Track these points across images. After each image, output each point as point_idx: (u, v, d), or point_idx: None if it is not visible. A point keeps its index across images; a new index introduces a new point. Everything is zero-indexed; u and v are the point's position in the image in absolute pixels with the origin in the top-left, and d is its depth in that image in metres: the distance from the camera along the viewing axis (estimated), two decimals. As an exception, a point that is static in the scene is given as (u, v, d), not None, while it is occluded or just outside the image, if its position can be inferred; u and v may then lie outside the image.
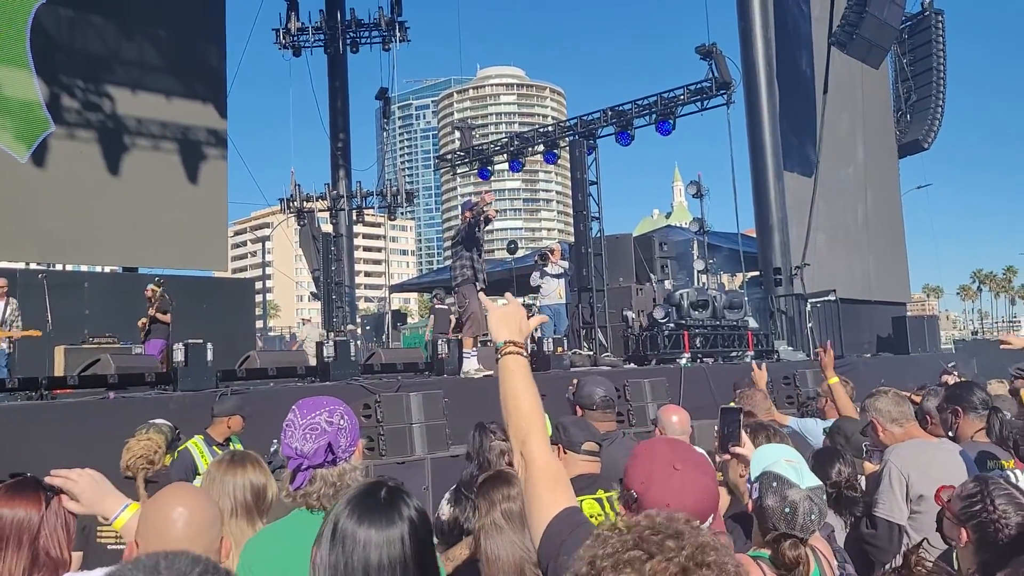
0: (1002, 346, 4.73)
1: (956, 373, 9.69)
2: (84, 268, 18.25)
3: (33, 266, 16.83)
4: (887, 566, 3.33)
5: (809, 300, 17.05)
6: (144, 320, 12.62)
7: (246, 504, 2.71)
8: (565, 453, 3.29)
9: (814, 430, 5.22)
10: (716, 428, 2.90)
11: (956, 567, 2.53)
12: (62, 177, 15.63)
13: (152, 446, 4.33)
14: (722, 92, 16.92)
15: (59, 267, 18.08)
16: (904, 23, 22.45)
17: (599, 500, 3.17)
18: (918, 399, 5.35)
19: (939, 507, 2.60)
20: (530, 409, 1.91)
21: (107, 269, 17.79)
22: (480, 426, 4.03)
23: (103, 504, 2.21)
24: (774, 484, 2.25)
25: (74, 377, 7.51)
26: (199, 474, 5.34)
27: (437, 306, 18.00)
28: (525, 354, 2.00)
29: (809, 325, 16.54)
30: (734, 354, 14.72)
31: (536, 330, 14.88)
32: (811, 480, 2.31)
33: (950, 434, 4.06)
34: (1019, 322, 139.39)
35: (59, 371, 11.45)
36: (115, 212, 16.06)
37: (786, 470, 2.30)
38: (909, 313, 25.02)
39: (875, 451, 4.02)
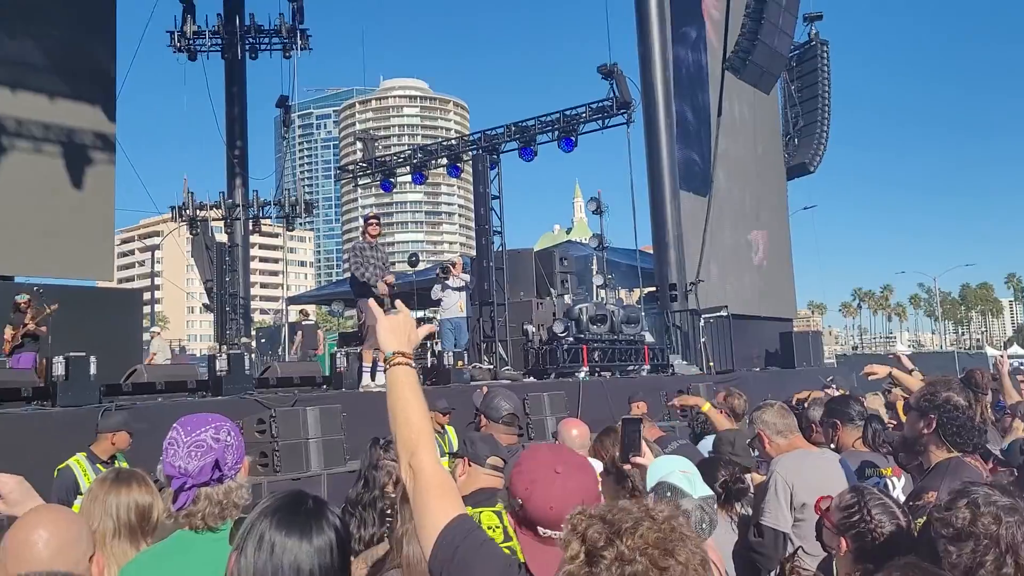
0: (869, 377, 4.97)
1: (835, 387, 10.19)
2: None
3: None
4: (771, 574, 3.46)
5: (703, 315, 17.60)
6: (13, 331, 11.68)
7: (130, 524, 2.58)
8: (470, 466, 3.29)
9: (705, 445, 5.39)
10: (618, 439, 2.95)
11: (835, 575, 2.64)
12: (-69, 179, 14.66)
13: None
14: (622, 111, 17.36)
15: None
16: (792, 51, 23.60)
17: (498, 513, 3.17)
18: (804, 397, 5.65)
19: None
20: (418, 420, 1.91)
21: (-19, 277, 16.70)
22: (374, 441, 3.99)
23: (26, 507, 2.14)
24: (668, 494, 2.32)
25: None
26: (81, 494, 5.07)
27: (304, 322, 17.68)
28: (413, 365, 2.00)
29: (703, 340, 17.06)
30: (631, 368, 15.03)
31: (437, 343, 14.83)
32: (703, 490, 2.39)
33: (832, 445, 4.26)
34: (894, 338, 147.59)
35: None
36: (-10, 217, 15.14)
37: (680, 480, 2.38)
38: (795, 329, 26.14)
39: (762, 462, 4.19)
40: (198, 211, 20.04)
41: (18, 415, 6.84)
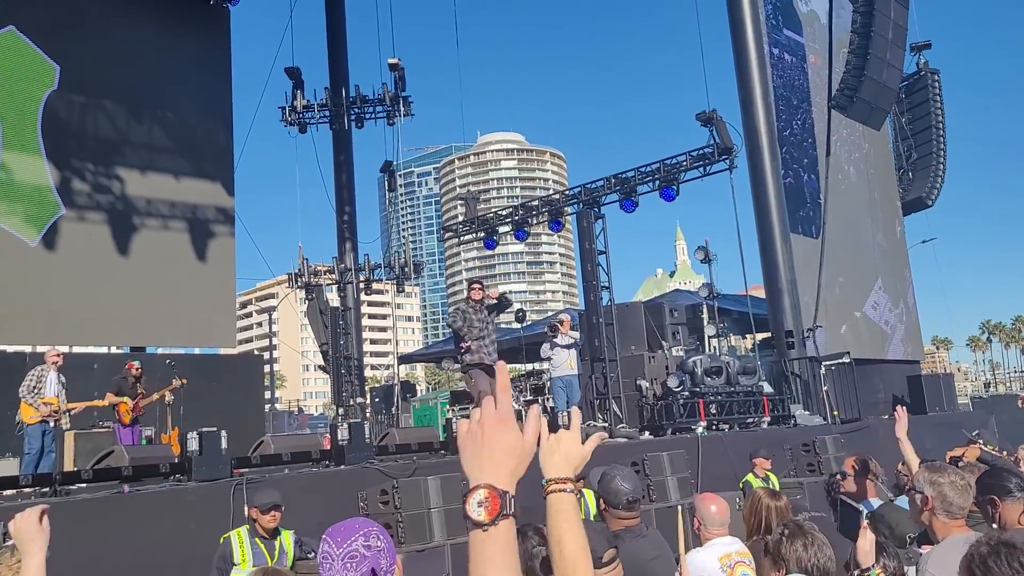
0: (1022, 404, 4.58)
1: (981, 442, 9.51)
2: (91, 349, 18.21)
3: (41, 348, 16.81)
4: None
5: (823, 363, 16.89)
6: (134, 402, 11.83)
7: None
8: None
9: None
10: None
11: None
12: (72, 259, 15.74)
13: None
14: (724, 157, 17.07)
15: (66, 348, 18.04)
16: (901, 83, 22.83)
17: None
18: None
19: None
20: (572, 553, 1.82)
21: (115, 349, 17.74)
22: (519, 531, 3.92)
23: (26, 546, 2.21)
24: None
25: (88, 472, 7.38)
26: (235, 564, 5.27)
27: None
28: (571, 490, 1.79)
29: (824, 388, 16.34)
30: (750, 420, 14.52)
31: (548, 399, 14.75)
32: None
33: (994, 524, 3.91)
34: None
35: (69, 455, 11.33)
36: (124, 292, 16.11)
37: None
38: (924, 371, 24.79)
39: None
40: (312, 277, 20.76)
41: (158, 491, 7.12)
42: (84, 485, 7.27)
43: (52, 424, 10.70)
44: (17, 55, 15.58)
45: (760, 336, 20.08)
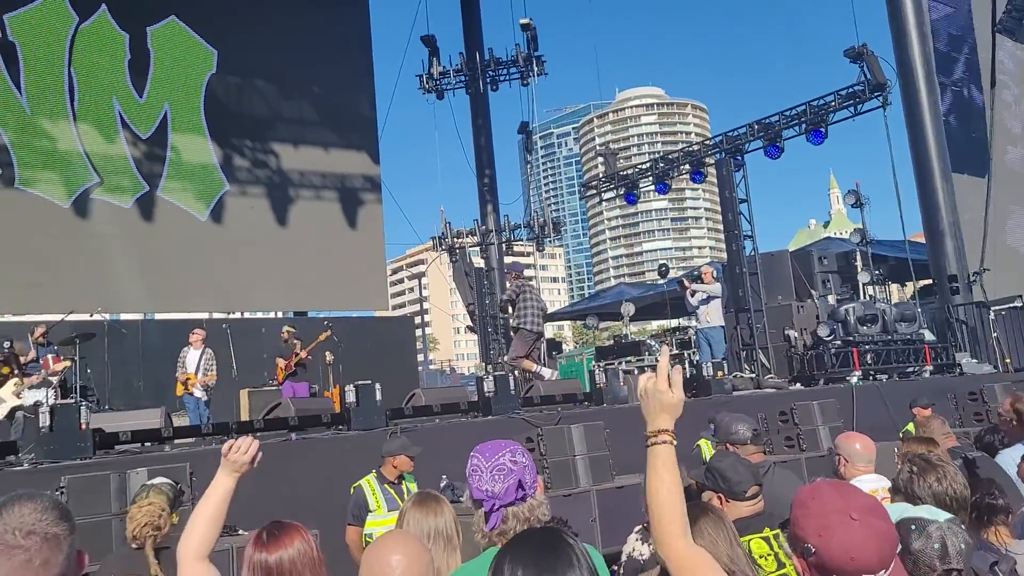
0: None
1: None
2: (259, 315, 19.54)
3: (217, 315, 18.23)
4: None
5: (992, 308, 15.79)
6: (286, 362, 13.22)
7: (439, 545, 2.85)
8: (728, 502, 3.24)
9: (1008, 459, 4.66)
10: None
11: None
12: (236, 231, 16.91)
13: (155, 511, 3.95)
14: (877, 95, 16.14)
15: (238, 315, 19.48)
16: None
17: (766, 539, 3.13)
18: None
19: None
20: (666, 500, 1.95)
21: (279, 314, 18.97)
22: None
23: (229, 466, 2.47)
24: (912, 527, 2.23)
25: (260, 421, 8.05)
26: (371, 511, 5.56)
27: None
28: (666, 440, 2.02)
29: (994, 335, 15.30)
30: (910, 369, 13.84)
31: (694, 353, 14.61)
32: (944, 514, 2.32)
33: None
34: None
35: (245, 414, 12.40)
36: (284, 260, 17.17)
37: (918, 511, 2.33)
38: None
39: None
40: (455, 239, 21.33)
41: (321, 439, 7.66)
42: (257, 433, 7.92)
43: (196, 395, 12.00)
44: (179, 43, 16.77)
45: (921, 283, 18.98)
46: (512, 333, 11.99)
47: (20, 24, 15.03)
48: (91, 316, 12.70)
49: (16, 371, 9.99)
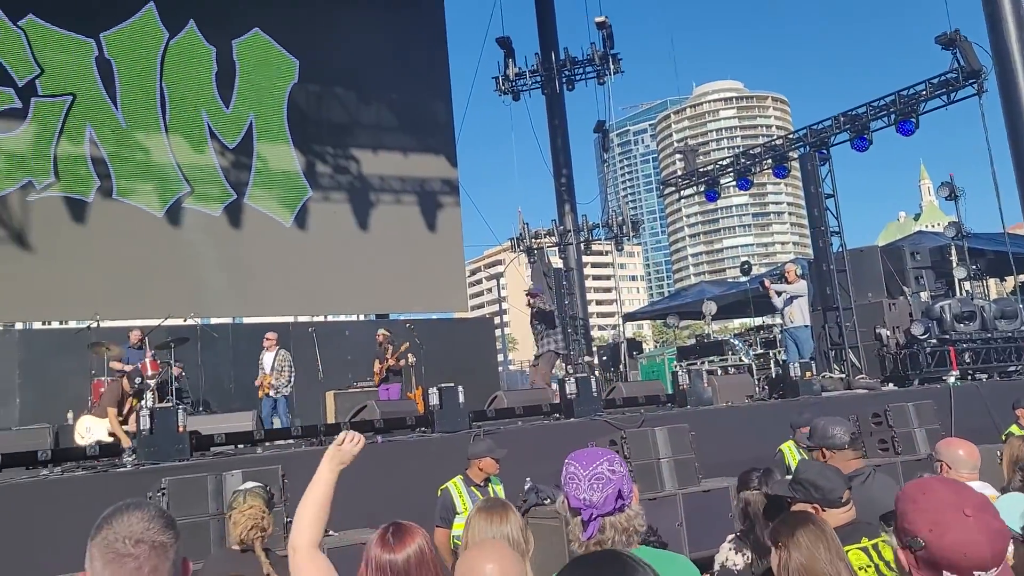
0: None
1: None
2: (343, 317, 19.92)
3: (302, 319, 18.68)
4: None
5: (1101, 303, 14.94)
6: (380, 365, 13.52)
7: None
8: (824, 511, 3.15)
9: None
10: None
11: None
12: (320, 236, 17.29)
13: (257, 513, 4.12)
14: (971, 82, 15.46)
15: (322, 318, 19.91)
16: None
17: (864, 549, 3.04)
18: None
19: None
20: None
21: (362, 317, 19.31)
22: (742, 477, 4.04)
23: (334, 459, 2.58)
24: None
25: (346, 423, 8.20)
26: (458, 513, 5.60)
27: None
28: None
29: (1104, 331, 14.46)
30: (1012, 368, 13.20)
31: (780, 352, 14.26)
32: None
33: None
34: None
35: (330, 415, 12.67)
36: (365, 264, 17.48)
37: None
38: None
39: None
40: (533, 240, 21.34)
41: (406, 442, 7.76)
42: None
43: (273, 396, 12.50)
44: (263, 54, 17.26)
45: (1023, 277, 18.09)
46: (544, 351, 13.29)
47: (115, 42, 15.72)
48: (184, 321, 13.18)
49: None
